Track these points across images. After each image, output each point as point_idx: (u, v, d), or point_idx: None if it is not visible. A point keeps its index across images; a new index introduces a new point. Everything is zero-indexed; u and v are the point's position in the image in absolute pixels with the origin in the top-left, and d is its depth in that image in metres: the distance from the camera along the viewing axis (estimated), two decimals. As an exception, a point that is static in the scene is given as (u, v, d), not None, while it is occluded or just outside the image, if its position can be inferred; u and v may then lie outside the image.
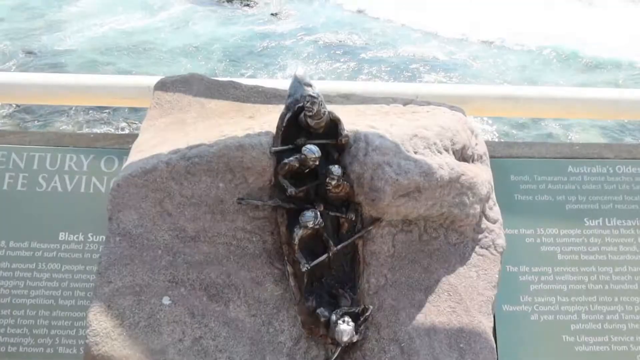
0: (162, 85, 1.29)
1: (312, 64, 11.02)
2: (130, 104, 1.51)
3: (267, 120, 1.13)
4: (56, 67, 10.47)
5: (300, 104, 1.02)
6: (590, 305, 1.26)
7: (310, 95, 1.00)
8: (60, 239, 1.28)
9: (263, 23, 12.80)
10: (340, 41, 11.83)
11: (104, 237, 1.24)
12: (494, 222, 1.17)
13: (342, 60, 11.19)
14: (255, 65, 10.95)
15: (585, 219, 1.30)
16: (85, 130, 8.21)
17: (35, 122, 8.23)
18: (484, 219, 1.17)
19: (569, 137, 8.33)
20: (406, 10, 12.77)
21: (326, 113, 1.01)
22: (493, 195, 1.19)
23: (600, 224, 1.30)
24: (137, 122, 8.35)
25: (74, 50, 11.14)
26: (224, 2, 13.86)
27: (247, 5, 13.65)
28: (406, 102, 1.29)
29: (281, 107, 1.10)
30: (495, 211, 1.18)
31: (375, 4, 13.02)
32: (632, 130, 8.16)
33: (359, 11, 12.36)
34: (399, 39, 11.67)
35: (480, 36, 12.10)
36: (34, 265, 1.25)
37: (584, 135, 8.37)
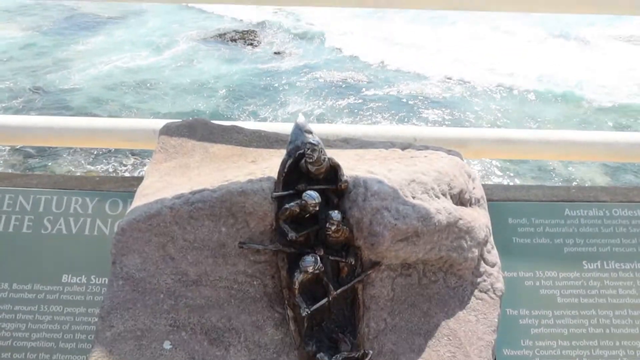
0: (167, 130, 1.33)
1: (313, 100, 11.20)
2: (136, 147, 1.55)
3: (268, 165, 1.16)
4: (62, 104, 10.67)
5: (301, 151, 1.06)
6: (592, 350, 1.25)
7: (310, 143, 1.03)
8: (63, 281, 1.29)
9: (266, 61, 13.09)
10: (340, 79, 12.05)
11: (107, 280, 1.25)
12: (493, 265, 1.19)
13: (342, 96, 11.37)
14: (258, 102, 11.13)
15: (583, 262, 1.31)
16: (90, 167, 8.29)
17: (38, 159, 8.32)
18: (482, 262, 1.18)
19: (569, 169, 8.36)
20: (400, 54, 13.11)
21: (326, 159, 1.04)
22: (491, 239, 1.21)
23: (599, 266, 1.31)
24: (139, 157, 8.44)
25: (79, 88, 11.36)
26: (228, 41, 14.22)
27: (251, 44, 13.98)
28: (404, 146, 1.33)
29: (282, 152, 1.13)
30: (493, 254, 1.19)
31: (370, 50, 13.35)
32: (631, 166, 8.19)
33: (354, 56, 12.66)
34: (395, 78, 11.90)
35: (473, 77, 12.35)
36: (36, 307, 1.26)
37: (583, 169, 8.41)
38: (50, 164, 8.38)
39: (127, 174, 8.26)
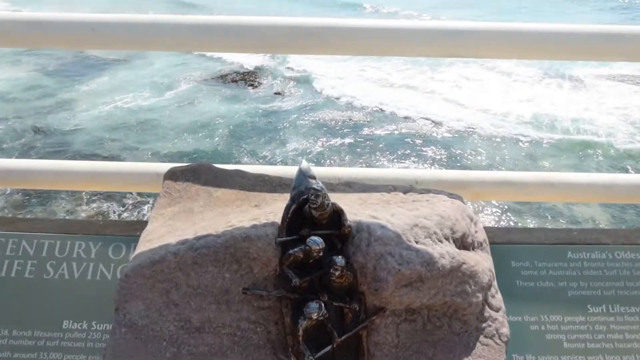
0: (171, 175, 1.34)
1: (313, 139, 11.31)
2: (139, 190, 1.56)
3: (272, 209, 1.17)
4: (63, 145, 10.76)
5: (305, 196, 1.07)
6: (601, 396, 1.23)
7: (314, 189, 1.04)
8: (63, 327, 1.28)
9: (267, 101, 13.30)
10: (340, 119, 12.21)
11: (108, 326, 1.24)
12: (497, 310, 1.18)
13: (342, 135, 11.48)
14: (259, 142, 11.24)
15: (588, 306, 1.30)
16: (89, 206, 8.28)
17: (38, 199, 8.32)
18: (487, 307, 1.17)
19: (571, 207, 8.37)
20: (397, 95, 13.40)
21: (329, 204, 1.06)
22: (495, 283, 1.20)
23: (604, 310, 1.30)
24: (139, 196, 8.44)
25: (81, 128, 11.49)
26: (229, 82, 14.48)
27: (252, 85, 14.23)
28: (406, 189, 1.34)
29: (285, 196, 1.15)
30: (497, 299, 1.19)
31: (367, 91, 13.62)
32: (634, 205, 8.20)
33: (352, 97, 12.90)
34: (392, 118, 12.07)
35: (469, 117, 12.54)
36: (36, 355, 1.24)
37: (585, 207, 8.41)
38: (50, 203, 8.38)
39: (127, 214, 8.25)
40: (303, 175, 1.12)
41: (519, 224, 8.16)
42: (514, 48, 1.30)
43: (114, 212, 8.29)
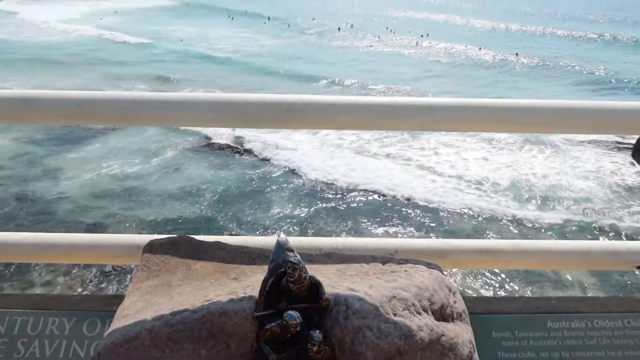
0: (150, 248, 1.34)
1: (297, 204, 11.36)
2: (119, 262, 1.55)
3: (251, 282, 1.16)
4: (47, 214, 10.64)
5: (282, 270, 1.07)
6: None
7: (291, 262, 1.05)
8: (32, 409, 1.22)
9: (253, 167, 13.45)
10: (324, 186, 12.32)
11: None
12: (479, 383, 1.16)
13: (326, 201, 11.55)
14: (244, 208, 11.25)
15: (571, 377, 1.29)
16: (65, 277, 8.08)
17: (11, 269, 8.12)
18: (468, 380, 1.15)
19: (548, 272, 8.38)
20: (377, 164, 13.69)
21: (307, 277, 1.06)
22: (476, 355, 1.19)
23: (587, 381, 1.29)
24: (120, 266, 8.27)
25: (66, 197, 11.43)
26: (216, 149, 14.67)
27: (238, 152, 14.43)
28: (385, 260, 1.35)
29: (265, 268, 1.15)
30: (479, 372, 1.17)
31: (349, 161, 13.93)
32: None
33: (329, 172, 13.14)
34: (369, 188, 12.24)
35: (448, 184, 12.79)
36: None
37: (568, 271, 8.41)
38: (26, 274, 8.16)
39: (106, 284, 8.05)
40: (281, 248, 1.13)
41: (500, 291, 8.14)
42: (482, 122, 1.37)
43: (92, 282, 8.10)
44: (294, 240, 1.47)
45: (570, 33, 41.83)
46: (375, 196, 11.74)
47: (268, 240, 1.55)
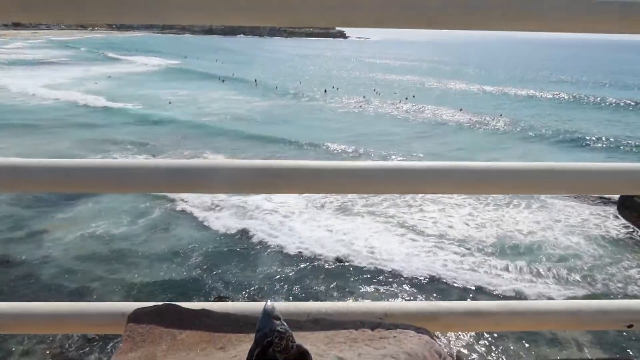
0: (135, 317, 1.31)
1: (285, 266, 11.22)
2: (103, 332, 1.51)
3: (237, 352, 1.14)
4: (30, 277, 10.39)
5: (269, 339, 1.05)
6: None
7: (278, 331, 1.04)
8: None
9: (237, 229, 13.35)
10: (312, 250, 12.26)
11: None
12: None
13: (314, 262, 11.44)
14: (231, 269, 11.09)
15: None
16: (53, 346, 7.79)
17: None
18: None
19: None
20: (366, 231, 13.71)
21: (294, 347, 1.04)
22: None
23: None
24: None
25: (51, 260, 11.20)
26: (202, 209, 14.62)
27: (220, 211, 14.38)
28: (374, 325, 1.33)
29: (252, 337, 1.12)
30: None
31: (331, 226, 13.95)
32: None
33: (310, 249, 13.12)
34: (354, 250, 12.20)
35: (432, 248, 12.78)
36: None
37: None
38: (5, 343, 7.86)
39: (87, 350, 7.76)
40: (268, 316, 1.11)
41: (493, 353, 7.98)
42: (464, 185, 1.40)
43: (75, 349, 7.80)
44: (281, 306, 1.45)
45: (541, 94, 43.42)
46: (356, 261, 11.63)
47: (255, 307, 1.53)
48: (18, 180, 1.31)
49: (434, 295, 10.03)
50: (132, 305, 1.46)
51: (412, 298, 9.77)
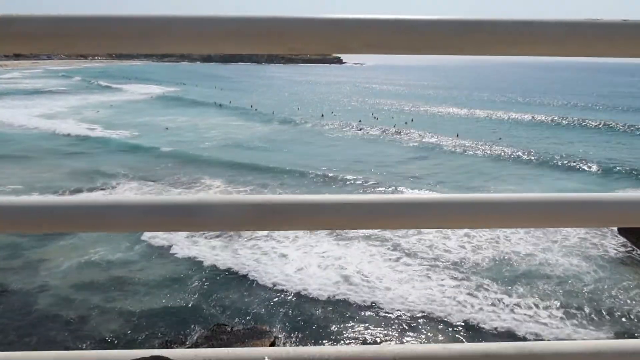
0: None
1: (278, 302, 11.02)
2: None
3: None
4: (25, 308, 10.23)
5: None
6: None
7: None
8: None
9: (242, 253, 13.23)
10: (302, 288, 11.95)
11: None
12: None
13: (315, 304, 11.13)
14: (229, 295, 10.93)
15: None
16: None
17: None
18: None
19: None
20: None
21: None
22: None
23: None
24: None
25: (48, 288, 11.05)
26: (195, 236, 14.50)
27: (229, 236, 14.27)
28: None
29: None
30: None
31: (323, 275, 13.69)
32: None
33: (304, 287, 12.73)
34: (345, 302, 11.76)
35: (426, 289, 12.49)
36: None
37: None
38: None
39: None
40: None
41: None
42: (471, 218, 1.36)
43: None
44: (283, 352, 1.40)
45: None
46: (351, 295, 11.28)
47: (252, 352, 1.48)
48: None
49: (435, 328, 9.84)
50: (128, 354, 1.41)
51: (424, 340, 9.53)
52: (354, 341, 9.46)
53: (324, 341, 9.33)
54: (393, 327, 9.98)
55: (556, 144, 31.32)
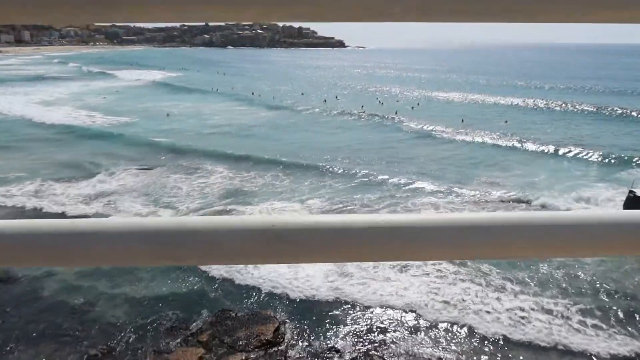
0: None
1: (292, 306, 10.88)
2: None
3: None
4: (32, 294, 10.28)
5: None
6: None
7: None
8: None
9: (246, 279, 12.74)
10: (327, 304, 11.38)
11: None
12: None
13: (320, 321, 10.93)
14: (229, 289, 10.92)
15: None
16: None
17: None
18: None
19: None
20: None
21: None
22: None
23: None
24: None
25: (54, 274, 11.08)
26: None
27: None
28: None
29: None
30: None
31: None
32: None
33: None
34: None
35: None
36: None
37: None
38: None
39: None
40: None
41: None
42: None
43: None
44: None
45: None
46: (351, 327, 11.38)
47: None
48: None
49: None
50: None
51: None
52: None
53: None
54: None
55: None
